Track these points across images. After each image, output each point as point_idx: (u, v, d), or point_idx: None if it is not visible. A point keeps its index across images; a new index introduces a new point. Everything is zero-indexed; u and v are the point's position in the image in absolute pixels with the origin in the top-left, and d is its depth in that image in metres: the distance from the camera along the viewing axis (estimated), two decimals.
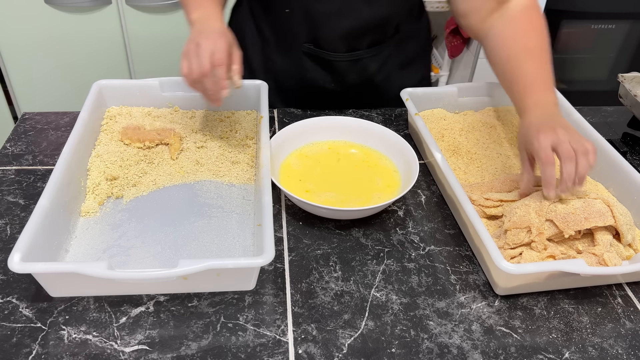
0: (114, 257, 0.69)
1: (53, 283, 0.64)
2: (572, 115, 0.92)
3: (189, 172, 0.82)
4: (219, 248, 0.71)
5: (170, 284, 0.65)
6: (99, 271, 0.59)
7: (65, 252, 0.69)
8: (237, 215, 0.76)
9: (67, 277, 0.62)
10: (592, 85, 2.16)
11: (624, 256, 0.70)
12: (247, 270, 0.65)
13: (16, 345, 0.60)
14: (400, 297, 0.68)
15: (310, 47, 0.97)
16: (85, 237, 0.72)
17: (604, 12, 1.96)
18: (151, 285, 0.65)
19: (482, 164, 0.87)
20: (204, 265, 0.60)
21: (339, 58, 0.98)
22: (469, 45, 2.09)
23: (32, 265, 0.59)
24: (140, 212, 0.76)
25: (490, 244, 0.66)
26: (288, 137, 0.87)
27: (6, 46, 1.83)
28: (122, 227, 0.74)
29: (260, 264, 0.61)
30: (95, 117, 0.88)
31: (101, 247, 0.71)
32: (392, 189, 0.82)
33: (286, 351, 0.61)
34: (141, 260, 0.69)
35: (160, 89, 0.93)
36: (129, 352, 0.60)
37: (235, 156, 0.86)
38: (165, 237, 0.72)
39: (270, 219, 0.66)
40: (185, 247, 0.71)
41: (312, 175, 0.84)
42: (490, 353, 0.62)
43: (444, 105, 0.99)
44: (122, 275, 0.59)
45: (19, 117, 1.17)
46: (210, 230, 0.74)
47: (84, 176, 0.80)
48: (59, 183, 0.70)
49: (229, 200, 0.78)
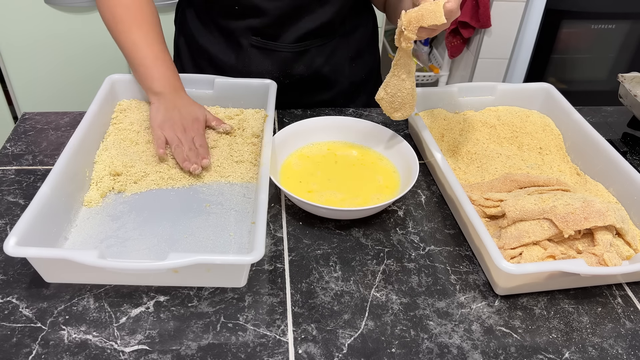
0: (111, 247, 0.70)
1: (47, 269, 0.65)
2: (572, 115, 0.92)
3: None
4: (214, 244, 0.72)
5: (161, 277, 0.66)
6: (90, 259, 0.60)
7: (65, 240, 0.71)
8: (235, 213, 0.76)
9: (60, 264, 0.63)
10: (592, 85, 2.16)
11: (624, 256, 0.70)
12: (236, 267, 0.65)
13: (16, 345, 0.60)
14: (400, 297, 0.68)
15: (257, 39, 0.97)
16: (85, 226, 0.73)
17: (604, 12, 1.96)
18: (141, 276, 0.66)
19: (482, 164, 0.87)
20: (192, 260, 0.60)
21: (286, 49, 0.98)
22: (469, 45, 2.09)
23: (26, 250, 0.60)
24: (141, 205, 0.77)
25: (490, 244, 0.66)
26: (288, 137, 0.87)
27: (6, 46, 1.83)
28: (122, 218, 0.75)
29: (249, 262, 0.61)
30: (106, 111, 0.89)
31: (99, 237, 0.72)
32: (392, 189, 0.82)
33: (286, 351, 0.61)
34: (136, 252, 0.70)
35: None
36: (129, 352, 0.60)
37: (241, 155, 0.86)
38: (162, 231, 0.73)
39: (264, 217, 0.66)
40: (181, 242, 0.72)
41: (312, 175, 0.84)
42: (490, 353, 0.62)
43: (444, 105, 0.99)
44: (111, 265, 0.60)
45: (19, 117, 1.17)
46: (208, 227, 0.74)
47: (90, 167, 0.81)
48: (62, 172, 0.72)
49: (229, 198, 0.79)
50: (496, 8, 1.91)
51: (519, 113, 0.99)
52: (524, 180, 0.79)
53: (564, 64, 2.07)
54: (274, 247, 0.74)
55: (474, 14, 1.92)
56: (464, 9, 1.92)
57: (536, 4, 1.90)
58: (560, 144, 0.93)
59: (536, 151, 0.91)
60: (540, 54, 1.99)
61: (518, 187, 0.79)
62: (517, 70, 2.05)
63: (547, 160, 0.89)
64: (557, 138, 0.94)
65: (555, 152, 0.91)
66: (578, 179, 0.86)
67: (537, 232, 0.69)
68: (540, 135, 0.94)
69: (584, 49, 2.06)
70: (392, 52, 2.36)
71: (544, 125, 0.96)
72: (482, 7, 1.87)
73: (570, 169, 0.88)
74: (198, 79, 0.96)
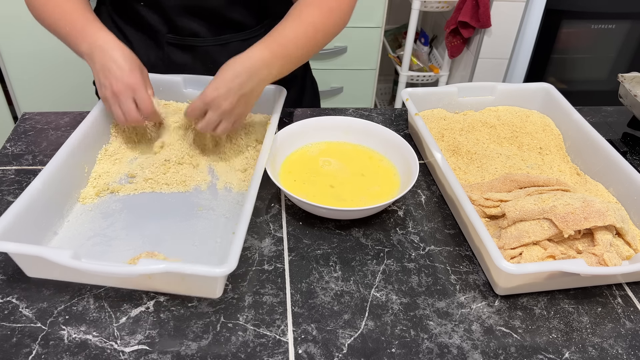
0: (96, 246, 0.71)
1: (25, 264, 0.66)
2: (572, 115, 0.92)
3: (193, 174, 0.83)
4: (198, 250, 0.71)
5: (137, 281, 0.65)
6: (62, 259, 0.60)
7: (54, 235, 0.71)
8: (225, 220, 0.75)
9: (37, 260, 0.63)
10: (592, 85, 2.16)
11: (624, 256, 0.70)
12: (209, 278, 0.63)
13: (16, 345, 0.60)
14: (400, 297, 0.68)
15: (173, 36, 0.95)
16: (76, 222, 0.74)
17: (604, 12, 1.96)
18: (118, 279, 0.66)
19: (482, 164, 0.87)
20: (161, 267, 0.59)
21: (204, 43, 0.96)
22: (469, 45, 2.09)
23: (3, 244, 0.61)
24: (134, 205, 0.77)
25: (490, 244, 0.66)
26: (288, 137, 0.87)
27: (6, 46, 1.83)
28: (113, 217, 0.75)
29: (219, 274, 0.59)
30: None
31: (88, 235, 0.72)
32: (392, 189, 0.82)
33: (286, 351, 0.61)
34: (120, 253, 0.70)
35: (184, 85, 0.95)
36: (129, 352, 0.60)
37: (241, 161, 0.86)
38: (149, 232, 0.73)
39: (245, 228, 0.65)
40: (165, 245, 0.71)
41: (313, 175, 0.84)
42: (490, 353, 0.62)
43: (444, 105, 0.99)
44: (82, 266, 0.60)
45: (19, 117, 1.17)
46: (195, 232, 0.73)
47: (90, 164, 0.81)
48: (57, 167, 0.72)
49: (222, 204, 0.78)
50: (496, 8, 1.91)
51: (519, 113, 0.99)
52: (524, 180, 0.79)
53: (564, 64, 2.07)
54: (274, 247, 0.74)
55: (474, 14, 1.92)
56: (464, 9, 1.92)
57: (536, 4, 1.90)
58: (560, 144, 0.93)
59: (536, 151, 0.91)
60: (540, 54, 1.99)
61: (518, 187, 0.79)
62: (517, 70, 2.05)
63: (547, 160, 0.89)
64: (557, 138, 0.94)
65: (555, 152, 0.91)
66: (578, 179, 0.86)
67: (537, 232, 0.69)
68: (540, 135, 0.94)
69: (584, 49, 2.06)
70: (392, 52, 2.36)
71: (544, 125, 0.96)
72: (482, 7, 1.87)
73: (570, 169, 0.88)
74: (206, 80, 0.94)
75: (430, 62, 2.35)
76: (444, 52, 2.20)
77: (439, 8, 2.06)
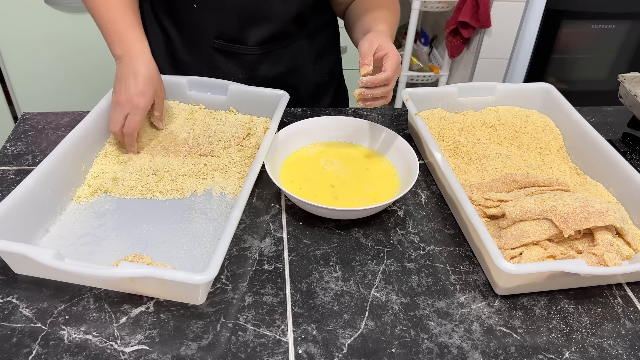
0: (85, 246, 0.71)
1: (11, 261, 0.66)
2: (572, 115, 0.92)
3: (190, 179, 0.82)
4: (187, 254, 0.70)
5: (120, 284, 0.65)
6: (44, 258, 0.60)
7: (45, 232, 0.71)
8: (217, 225, 0.75)
9: (22, 258, 0.64)
10: (592, 85, 2.16)
11: (624, 256, 0.70)
12: (189, 285, 0.61)
13: (16, 345, 0.60)
14: (400, 297, 0.68)
15: (220, 42, 0.96)
16: (69, 220, 0.74)
17: (604, 12, 1.96)
18: (100, 281, 0.65)
19: (482, 164, 0.87)
20: (141, 272, 0.59)
21: (250, 51, 0.97)
22: (469, 45, 2.09)
23: None
24: (127, 205, 0.77)
25: (490, 244, 0.66)
26: (288, 137, 0.87)
27: (6, 46, 1.83)
28: (105, 217, 0.75)
29: (199, 282, 0.59)
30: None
31: (79, 234, 0.72)
32: (392, 189, 0.82)
33: (286, 351, 0.61)
34: (108, 254, 0.70)
35: (188, 86, 0.95)
36: (129, 352, 0.60)
37: (238, 166, 0.84)
38: (139, 234, 0.73)
39: (230, 235, 0.65)
40: (154, 248, 0.71)
41: (313, 175, 0.84)
42: (490, 353, 0.62)
43: (444, 105, 0.99)
44: (63, 267, 0.60)
45: (19, 117, 1.17)
46: (185, 235, 0.73)
47: (88, 163, 0.81)
48: (51, 165, 0.72)
49: (215, 208, 0.77)
50: (496, 8, 1.91)
51: (519, 113, 0.99)
52: (524, 180, 0.79)
53: (564, 64, 2.07)
54: (274, 247, 0.74)
55: (474, 14, 1.92)
56: (464, 9, 1.92)
57: (536, 4, 1.90)
58: (560, 144, 0.93)
59: (536, 151, 0.91)
60: (540, 54, 1.99)
61: (518, 187, 0.79)
62: (517, 70, 2.05)
63: (547, 160, 0.89)
64: (557, 138, 0.94)
65: (555, 152, 0.91)
66: (578, 179, 0.86)
67: (537, 232, 0.69)
68: (540, 135, 0.94)
69: (584, 49, 2.06)
70: None
71: (544, 125, 0.96)
72: (482, 7, 1.87)
73: (570, 169, 0.88)
74: (212, 83, 0.95)
75: (430, 62, 2.35)
76: (444, 52, 2.20)
77: (439, 8, 2.06)
